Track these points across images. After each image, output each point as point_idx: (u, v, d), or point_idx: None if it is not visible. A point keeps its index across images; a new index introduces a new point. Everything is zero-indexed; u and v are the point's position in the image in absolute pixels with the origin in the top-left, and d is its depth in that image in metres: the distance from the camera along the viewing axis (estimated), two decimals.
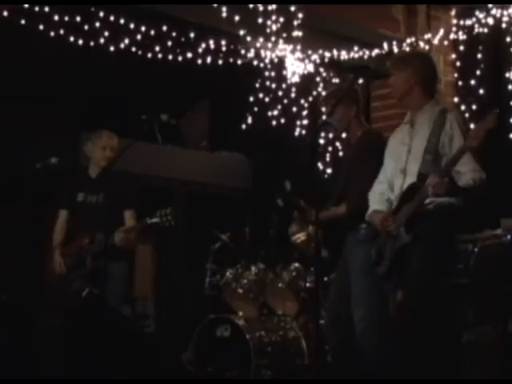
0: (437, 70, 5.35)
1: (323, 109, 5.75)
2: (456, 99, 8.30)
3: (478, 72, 7.97)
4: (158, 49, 7.14)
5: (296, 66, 7.77)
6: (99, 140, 6.23)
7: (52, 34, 6.63)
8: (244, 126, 7.97)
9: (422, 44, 8.04)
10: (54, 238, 6.31)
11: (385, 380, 5.00)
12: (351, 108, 5.65)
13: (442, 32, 7.91)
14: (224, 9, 7.10)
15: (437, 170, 4.71)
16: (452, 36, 7.89)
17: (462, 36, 7.84)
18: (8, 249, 6.03)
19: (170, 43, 7.14)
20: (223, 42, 7.35)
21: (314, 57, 7.81)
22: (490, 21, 7.55)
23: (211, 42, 7.31)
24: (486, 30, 7.64)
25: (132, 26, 6.90)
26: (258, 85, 7.91)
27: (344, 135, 5.94)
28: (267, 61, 7.69)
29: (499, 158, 6.90)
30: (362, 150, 5.47)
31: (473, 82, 8.02)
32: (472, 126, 5.09)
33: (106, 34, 6.84)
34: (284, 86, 7.94)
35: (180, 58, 7.26)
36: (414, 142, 4.95)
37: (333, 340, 5.58)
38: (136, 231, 6.03)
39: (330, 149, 8.47)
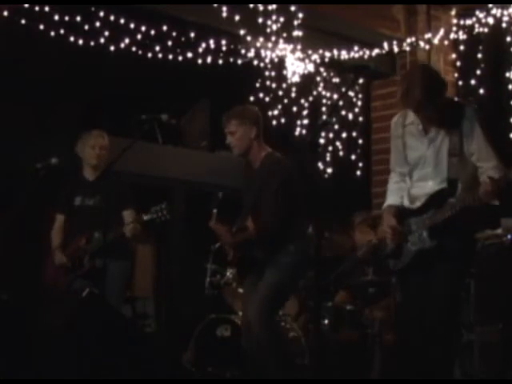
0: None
1: (225, 129, 5.60)
2: (456, 99, 8.29)
3: (478, 72, 7.97)
4: (158, 48, 7.15)
5: (296, 66, 7.77)
6: (88, 139, 6.26)
7: (52, 33, 6.63)
8: None
9: (422, 44, 8.04)
10: (53, 241, 6.32)
11: (385, 380, 4.99)
12: (251, 129, 5.50)
13: (442, 32, 7.91)
14: (224, 8, 7.10)
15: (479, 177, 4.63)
16: (452, 36, 7.89)
17: (462, 36, 7.84)
18: (8, 248, 6.02)
19: (170, 43, 7.14)
20: (223, 42, 7.35)
21: (315, 56, 7.81)
22: (490, 20, 7.55)
23: (211, 42, 7.31)
24: (486, 30, 7.64)
25: (132, 25, 6.90)
26: (258, 84, 7.91)
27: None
28: (267, 60, 7.69)
29: (500, 157, 6.89)
30: (270, 176, 5.35)
31: (473, 81, 8.02)
32: None
33: (106, 33, 6.84)
34: (284, 85, 7.95)
35: (180, 58, 7.26)
36: (434, 144, 4.77)
37: None
38: (140, 222, 6.02)
39: (330, 148, 8.47)
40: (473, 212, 4.64)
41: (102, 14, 6.74)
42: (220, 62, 7.47)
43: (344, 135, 8.53)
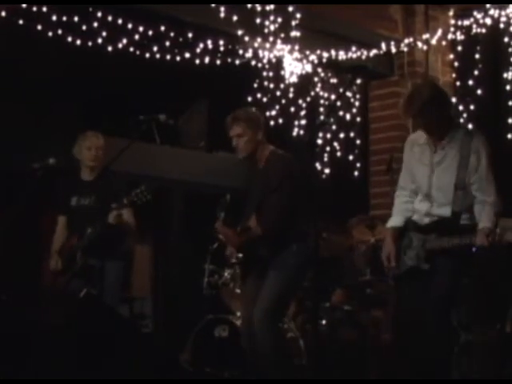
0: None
1: (230, 130, 5.52)
2: (454, 99, 8.30)
3: (476, 72, 7.98)
4: (156, 49, 7.14)
5: (294, 66, 7.77)
6: (84, 141, 6.27)
7: (50, 34, 6.62)
8: None
9: (419, 44, 8.04)
10: (54, 244, 6.31)
11: (385, 380, 5.00)
12: (258, 133, 5.50)
13: (440, 32, 7.91)
14: (222, 9, 7.09)
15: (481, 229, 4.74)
16: (450, 36, 7.89)
17: (460, 36, 7.84)
18: (7, 249, 6.02)
19: (168, 43, 7.14)
20: (221, 42, 7.35)
21: (312, 57, 7.81)
22: (488, 21, 7.55)
23: (209, 42, 7.31)
24: (483, 30, 7.65)
25: (130, 26, 6.90)
26: (256, 85, 7.90)
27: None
28: (265, 61, 7.68)
29: (498, 158, 6.90)
30: (273, 175, 5.36)
31: (471, 82, 8.04)
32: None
33: (104, 34, 6.84)
34: (282, 86, 7.94)
35: (178, 58, 7.25)
36: (441, 168, 4.91)
37: None
38: (122, 207, 5.96)
39: (327, 149, 8.47)
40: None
41: (99, 14, 6.73)
42: (218, 62, 7.46)
43: (342, 136, 8.52)
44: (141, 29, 6.96)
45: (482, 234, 4.66)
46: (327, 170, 8.38)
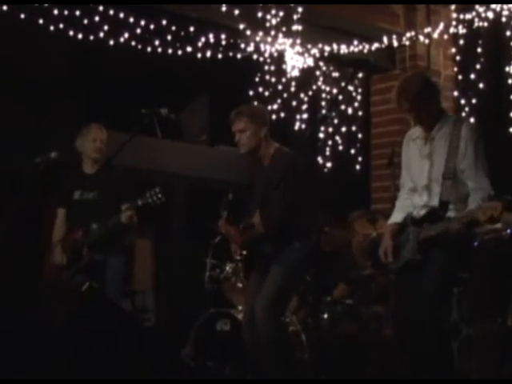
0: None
1: (233, 125, 5.50)
2: (456, 93, 8.31)
3: (477, 66, 7.98)
4: (157, 43, 7.15)
5: (296, 60, 7.76)
6: (88, 133, 6.28)
7: (52, 28, 6.63)
8: None
9: (421, 38, 8.04)
10: (54, 236, 6.32)
11: (385, 380, 5.00)
12: (261, 129, 5.49)
13: (441, 26, 7.91)
14: (224, 3, 7.09)
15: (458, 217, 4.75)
16: (452, 30, 7.88)
17: (461, 30, 7.84)
18: (8, 244, 6.02)
19: (169, 37, 7.14)
20: (223, 36, 7.35)
21: (314, 51, 7.80)
22: (490, 15, 7.55)
23: (211, 36, 7.31)
24: (485, 24, 7.64)
25: (132, 20, 6.90)
26: (257, 79, 7.91)
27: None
28: (267, 55, 7.68)
29: (499, 151, 6.91)
30: (278, 172, 5.33)
31: (473, 75, 8.03)
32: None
33: (106, 28, 6.84)
34: (284, 80, 7.94)
35: (180, 52, 7.26)
36: (434, 159, 4.94)
37: None
38: (134, 208, 5.97)
39: (329, 143, 8.48)
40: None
41: (101, 8, 6.74)
42: (219, 56, 7.46)
43: (343, 129, 8.53)
44: (142, 23, 6.96)
45: (456, 222, 4.70)
46: (329, 164, 8.39)
